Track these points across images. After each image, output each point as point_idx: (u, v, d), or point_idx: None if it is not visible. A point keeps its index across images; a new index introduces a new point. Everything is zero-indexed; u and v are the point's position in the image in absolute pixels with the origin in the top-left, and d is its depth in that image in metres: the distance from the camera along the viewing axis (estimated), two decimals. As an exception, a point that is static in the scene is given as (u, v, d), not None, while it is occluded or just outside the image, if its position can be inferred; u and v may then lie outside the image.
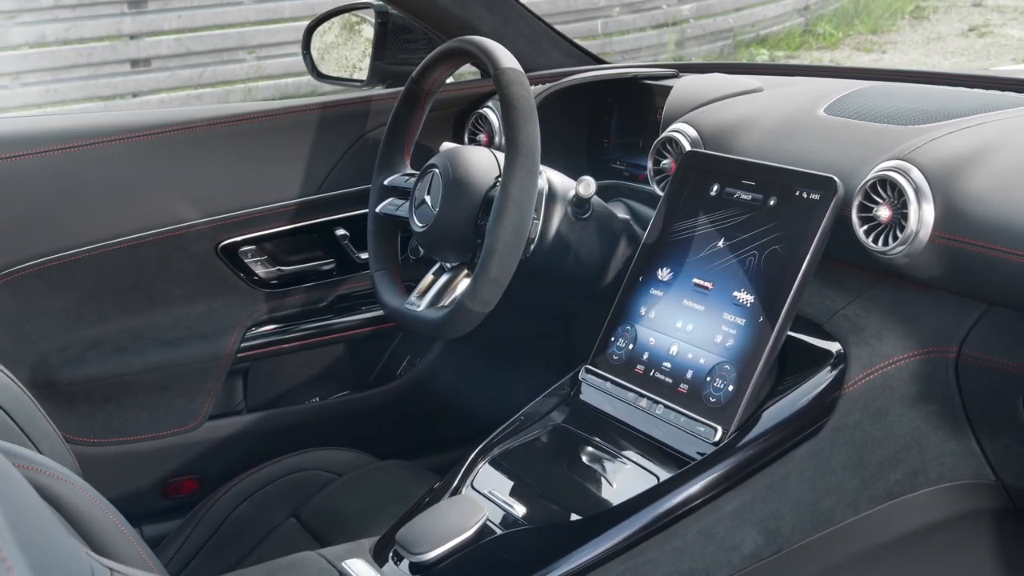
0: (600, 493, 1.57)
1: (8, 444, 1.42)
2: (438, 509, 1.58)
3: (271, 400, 2.40)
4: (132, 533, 1.54)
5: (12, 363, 2.08)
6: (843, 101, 1.78)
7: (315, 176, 2.29)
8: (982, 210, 1.42)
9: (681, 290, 1.65)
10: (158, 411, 2.23)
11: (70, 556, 0.99)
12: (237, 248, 2.24)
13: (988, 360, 1.49)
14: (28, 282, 2.11)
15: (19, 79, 7.15)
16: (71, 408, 2.17)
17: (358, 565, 1.51)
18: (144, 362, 2.20)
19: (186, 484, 2.28)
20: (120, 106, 7.24)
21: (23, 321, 2.12)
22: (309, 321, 2.36)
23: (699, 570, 1.51)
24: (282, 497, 2.09)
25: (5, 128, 2.16)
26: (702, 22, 9.81)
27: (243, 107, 2.30)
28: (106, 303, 2.18)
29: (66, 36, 7.26)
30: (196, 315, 2.24)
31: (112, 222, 2.15)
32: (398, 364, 2.51)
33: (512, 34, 2.31)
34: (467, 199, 1.84)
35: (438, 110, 2.32)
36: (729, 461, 1.51)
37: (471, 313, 1.74)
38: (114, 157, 2.15)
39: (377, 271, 2.01)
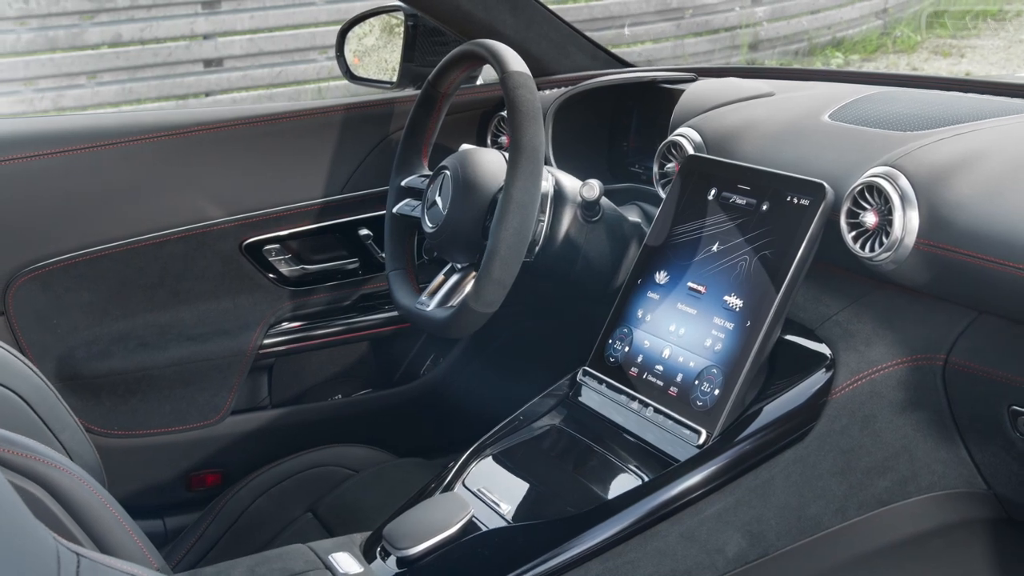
0: (585, 493, 1.58)
1: (7, 432, 1.47)
2: (426, 506, 1.60)
3: (295, 396, 2.44)
4: (130, 523, 1.57)
5: (40, 356, 2.15)
6: (849, 107, 1.77)
7: (338, 176, 2.33)
8: (965, 217, 1.41)
9: (676, 294, 1.66)
10: (182, 405, 2.27)
11: (33, 540, 1.01)
12: (261, 246, 2.29)
13: (975, 368, 1.48)
14: (56, 277, 2.16)
15: (95, 78, 7.28)
16: (97, 401, 2.22)
17: (343, 558, 1.54)
18: (168, 357, 2.24)
19: (209, 477, 2.32)
20: (191, 104, 7.35)
21: (51, 315, 2.17)
22: (332, 319, 2.40)
23: (681, 572, 1.52)
24: (300, 492, 2.12)
25: (36, 127, 2.22)
26: (776, 25, 9.74)
27: (268, 108, 2.34)
28: (132, 299, 2.23)
29: (141, 36, 7.38)
30: (221, 311, 2.29)
31: (139, 219, 2.20)
32: (422, 363, 2.53)
33: (536, 37, 2.33)
34: (475, 200, 1.86)
35: (462, 112, 2.35)
36: (711, 464, 1.52)
37: (475, 313, 1.76)
38: (142, 156, 2.20)
39: (392, 270, 2.04)
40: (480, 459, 1.71)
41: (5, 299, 2.12)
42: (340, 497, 2.07)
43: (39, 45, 7.12)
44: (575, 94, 2.23)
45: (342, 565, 1.52)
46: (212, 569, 1.53)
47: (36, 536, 1.02)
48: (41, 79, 7.13)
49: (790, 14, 9.88)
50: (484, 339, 2.43)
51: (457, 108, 2.31)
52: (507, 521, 1.56)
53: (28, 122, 2.60)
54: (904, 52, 10.21)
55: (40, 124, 2.31)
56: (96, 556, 1.08)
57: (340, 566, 1.52)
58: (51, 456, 1.49)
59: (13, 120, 2.69)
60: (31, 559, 0.98)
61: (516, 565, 1.49)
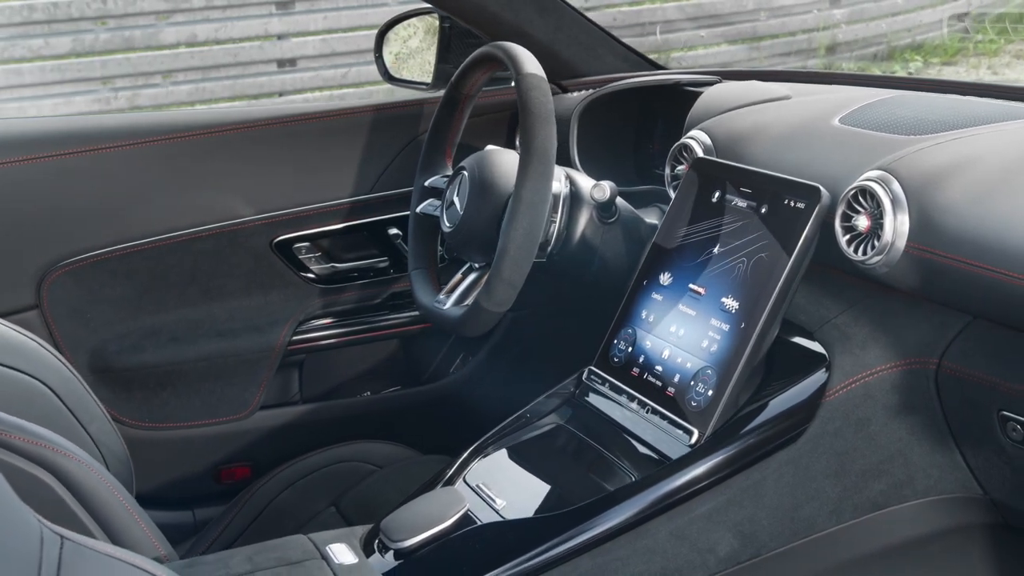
0: (578, 490, 1.60)
1: (18, 420, 1.51)
2: (423, 500, 1.63)
3: (324, 392, 2.48)
4: (138, 511, 1.62)
5: (73, 348, 2.20)
6: (861, 111, 1.77)
7: (368, 176, 2.36)
8: (954, 222, 1.41)
9: (678, 295, 1.67)
10: (211, 399, 2.32)
11: (15, 521, 1.03)
12: (292, 244, 2.33)
13: (966, 373, 1.48)
14: (89, 272, 2.22)
15: (170, 77, 7.39)
16: (128, 394, 2.27)
17: (340, 549, 1.57)
18: (199, 351, 2.29)
19: (238, 470, 2.37)
20: (263, 103, 7.43)
21: (84, 309, 2.23)
22: (362, 317, 2.43)
23: (672, 570, 1.53)
24: (324, 486, 2.16)
25: (70, 125, 2.28)
26: (855, 27, 9.65)
27: (299, 108, 2.38)
28: (165, 294, 2.28)
29: (216, 36, 7.47)
30: (251, 308, 2.33)
31: (171, 217, 2.25)
32: (451, 362, 2.56)
33: (566, 39, 2.34)
34: (491, 201, 1.88)
35: (491, 114, 2.37)
36: (702, 463, 1.53)
37: (487, 312, 1.78)
38: (175, 154, 2.25)
39: (414, 269, 2.07)
40: (482, 456, 1.73)
41: (39, 293, 2.18)
42: (362, 492, 2.10)
43: (116, 44, 7.25)
44: (600, 96, 2.24)
45: (338, 556, 1.55)
46: (212, 557, 1.57)
47: (18, 517, 1.04)
48: (118, 78, 7.26)
49: (868, 16, 9.78)
50: (512, 339, 2.46)
51: (486, 110, 2.34)
52: (501, 516, 1.58)
53: (65, 120, 2.67)
54: (985, 55, 10.07)
55: (75, 123, 2.37)
56: (80, 539, 1.09)
57: (336, 556, 1.55)
58: (60, 444, 1.53)
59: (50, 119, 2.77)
60: (12, 539, 1.00)
61: (507, 559, 1.51)
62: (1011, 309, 1.38)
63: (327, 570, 1.52)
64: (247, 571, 1.51)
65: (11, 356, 1.77)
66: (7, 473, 1.45)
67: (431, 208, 2.04)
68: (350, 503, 2.08)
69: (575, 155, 2.23)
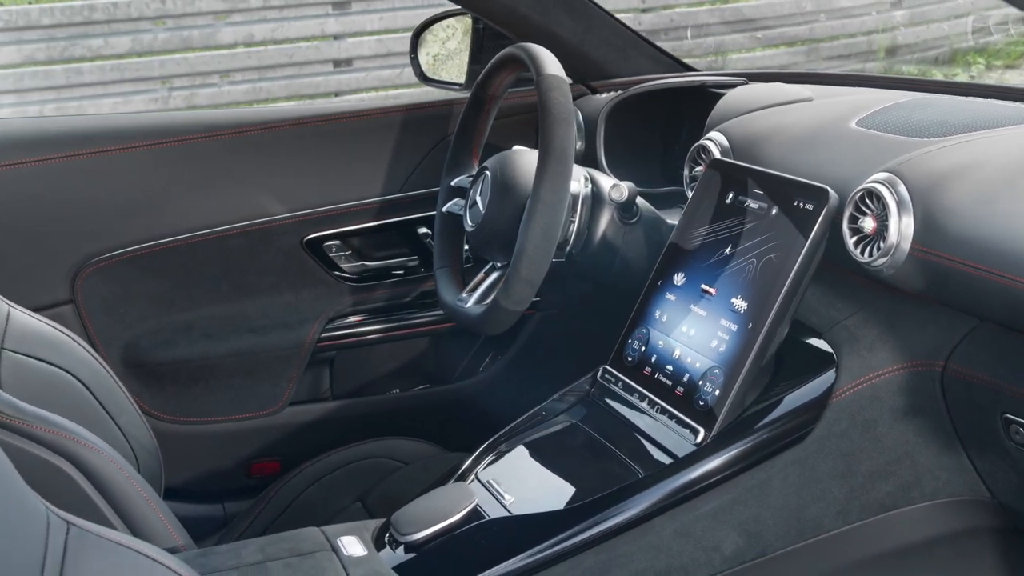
0: (585, 487, 1.61)
1: (42, 411, 1.55)
2: (434, 495, 1.66)
3: (354, 389, 2.51)
4: (156, 501, 1.65)
5: (106, 343, 2.25)
6: (879, 113, 1.77)
7: (398, 175, 2.39)
8: (957, 224, 1.41)
9: (690, 295, 1.69)
10: (242, 394, 2.36)
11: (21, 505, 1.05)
12: (322, 243, 2.36)
13: (971, 375, 1.48)
14: (122, 268, 2.26)
15: (227, 77, 7.47)
16: (160, 388, 2.31)
17: (350, 541, 1.59)
18: (230, 347, 2.33)
19: (268, 465, 2.40)
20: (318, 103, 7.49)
21: (117, 304, 2.27)
22: (392, 315, 2.46)
23: (676, 568, 1.54)
24: (350, 482, 2.19)
25: (104, 124, 2.33)
26: (916, 29, 9.56)
27: (330, 107, 2.42)
28: (197, 290, 2.32)
29: (273, 36, 7.54)
30: (283, 305, 2.37)
31: (203, 214, 2.29)
32: (481, 361, 2.58)
33: (596, 40, 2.35)
34: (512, 201, 1.90)
35: (521, 114, 2.39)
36: (707, 462, 1.55)
37: (505, 311, 1.79)
38: (207, 153, 2.29)
39: (439, 268, 2.09)
40: (494, 452, 1.76)
41: (74, 288, 2.23)
42: (388, 488, 2.13)
43: (175, 44, 7.33)
44: (628, 98, 2.26)
45: (348, 548, 1.58)
46: (225, 547, 1.60)
47: (24, 502, 1.06)
48: (175, 78, 7.34)
49: (929, 19, 9.69)
50: (540, 339, 2.47)
51: (515, 111, 2.36)
52: (509, 511, 1.60)
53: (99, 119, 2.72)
54: (1048, 59, 9.95)
55: (110, 121, 2.42)
56: (87, 525, 1.11)
57: (346, 549, 1.58)
58: (81, 434, 1.57)
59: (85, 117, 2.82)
60: (18, 523, 1.03)
61: (513, 553, 1.53)
62: (1013, 312, 1.38)
63: (336, 562, 1.54)
64: (258, 561, 1.54)
65: (43, 349, 1.81)
66: (28, 462, 1.50)
67: (457, 208, 2.06)
68: (376, 498, 2.11)
69: (602, 156, 2.25)
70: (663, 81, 2.28)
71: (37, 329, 1.84)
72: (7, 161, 2.17)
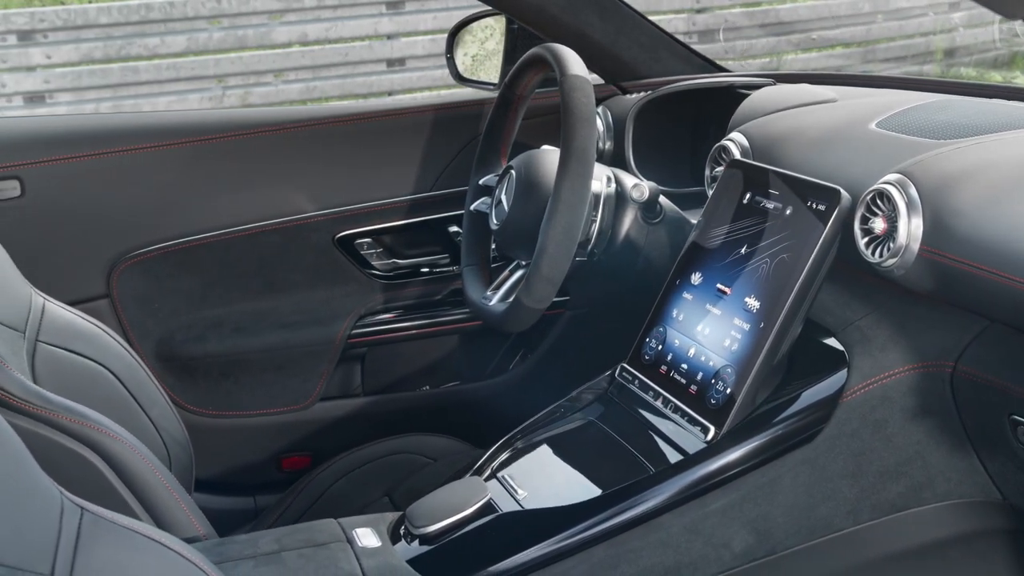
0: (596, 483, 1.63)
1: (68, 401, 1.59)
2: (449, 488, 1.68)
3: (385, 385, 2.54)
4: (180, 492, 1.69)
5: (140, 337, 2.29)
6: (900, 114, 1.77)
7: (429, 174, 2.42)
8: (964, 226, 1.41)
9: (706, 294, 1.70)
10: (274, 389, 2.39)
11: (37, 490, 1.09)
12: (354, 240, 2.39)
13: (980, 376, 1.48)
14: (157, 263, 2.30)
15: (281, 76, 7.54)
16: (193, 381, 2.36)
17: (365, 533, 1.62)
18: (262, 342, 2.37)
19: (299, 459, 2.44)
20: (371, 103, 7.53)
21: (152, 299, 2.32)
22: (423, 313, 2.49)
23: (686, 564, 1.56)
24: (378, 477, 2.22)
25: (140, 122, 2.37)
26: (974, 31, 9.47)
27: (361, 106, 2.45)
28: (230, 286, 2.36)
29: (327, 35, 7.61)
30: (315, 301, 2.40)
31: (236, 211, 2.33)
32: (511, 359, 2.60)
33: (627, 41, 2.37)
34: (535, 200, 1.91)
35: (551, 115, 2.40)
36: (716, 460, 1.56)
37: (527, 309, 1.81)
38: (240, 151, 2.32)
39: (466, 266, 2.11)
40: (510, 448, 1.78)
41: (110, 283, 2.27)
42: (415, 483, 2.15)
43: (229, 43, 7.42)
44: (656, 98, 2.27)
45: (362, 539, 1.61)
46: (244, 537, 1.63)
47: (40, 486, 1.09)
48: (230, 76, 7.43)
49: (988, 20, 9.59)
50: (569, 338, 2.49)
51: (546, 111, 2.37)
52: (521, 506, 1.62)
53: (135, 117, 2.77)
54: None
55: (145, 119, 2.47)
56: (101, 511, 1.14)
57: (360, 540, 1.60)
58: (106, 424, 1.61)
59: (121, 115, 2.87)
60: (33, 507, 1.06)
61: (524, 546, 1.56)
62: (1019, 314, 1.38)
63: (350, 552, 1.57)
64: (274, 551, 1.57)
65: (78, 342, 1.86)
66: (54, 450, 1.55)
67: (484, 206, 2.08)
68: (402, 493, 2.13)
69: (629, 156, 2.26)
70: (691, 82, 2.29)
71: (72, 322, 1.88)
72: (46, 158, 2.22)
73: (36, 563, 1.00)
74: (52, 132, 2.27)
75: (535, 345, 2.53)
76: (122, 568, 1.08)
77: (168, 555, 1.14)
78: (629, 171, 2.23)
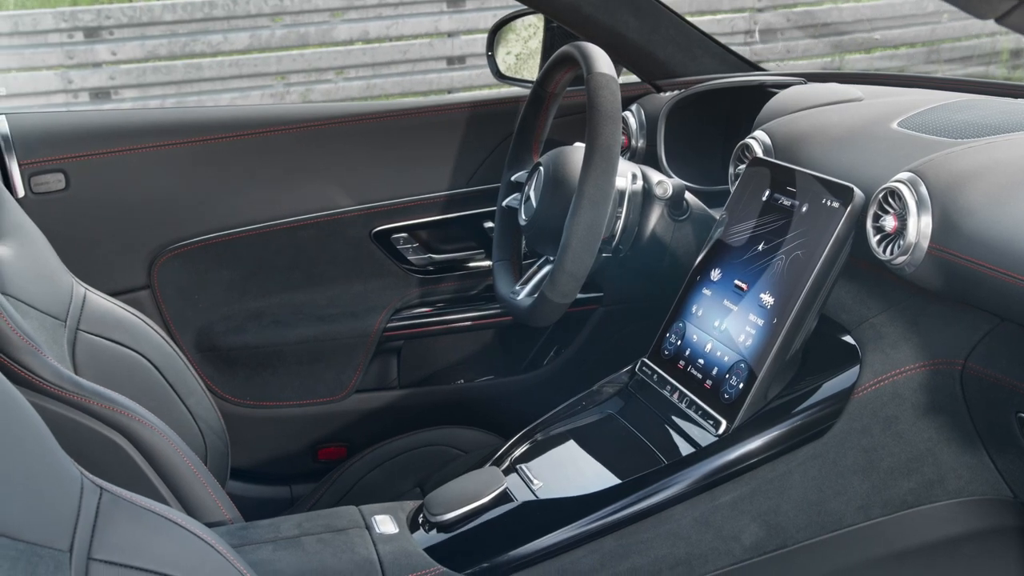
0: (610, 475, 1.66)
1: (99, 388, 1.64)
2: (467, 478, 1.72)
3: (421, 378, 2.57)
4: (207, 477, 1.73)
5: (181, 327, 2.34)
6: (922, 114, 1.78)
7: (465, 170, 2.45)
8: (972, 224, 1.42)
9: (724, 290, 1.72)
10: (310, 380, 2.44)
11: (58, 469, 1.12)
12: (390, 235, 2.43)
13: (988, 374, 1.49)
14: (197, 255, 2.35)
15: (342, 73, 7.61)
16: (231, 372, 2.40)
17: (384, 520, 1.66)
18: (299, 334, 2.41)
19: (335, 450, 2.48)
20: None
21: (192, 290, 2.37)
22: (458, 307, 2.52)
23: (696, 556, 1.58)
24: (410, 468, 2.26)
25: (181, 117, 2.41)
26: (1042, 29, 9.32)
27: (398, 104, 2.48)
28: (269, 279, 2.40)
29: (387, 33, 7.67)
30: (351, 295, 2.44)
31: (275, 205, 2.38)
32: (545, 354, 2.62)
33: (661, 40, 2.38)
34: (562, 196, 1.94)
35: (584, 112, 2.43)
36: (726, 453, 1.58)
37: (552, 304, 1.84)
38: (279, 146, 2.37)
39: (497, 261, 2.14)
40: (530, 440, 1.81)
41: (151, 274, 2.32)
42: (446, 475, 2.17)
43: (291, 41, 7.50)
44: (688, 96, 2.29)
45: (380, 526, 1.64)
46: (267, 522, 1.66)
47: (61, 466, 1.13)
48: (292, 73, 7.51)
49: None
50: (603, 334, 2.51)
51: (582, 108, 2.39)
52: (535, 496, 1.65)
53: (177, 112, 2.81)
54: None
55: (186, 114, 2.51)
56: (120, 492, 1.17)
57: (379, 527, 1.64)
58: (136, 410, 1.66)
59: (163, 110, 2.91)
60: (53, 486, 1.09)
61: (536, 535, 1.59)
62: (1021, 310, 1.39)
63: (367, 538, 1.60)
64: (295, 535, 1.61)
65: (117, 332, 1.91)
66: (85, 435, 1.59)
67: (515, 202, 2.11)
68: (434, 484, 2.15)
69: (661, 153, 2.28)
70: (722, 80, 2.31)
71: (112, 312, 1.93)
72: (90, 151, 2.27)
73: (55, 540, 1.03)
74: (96, 127, 2.32)
75: (569, 341, 2.55)
76: (139, 546, 1.10)
77: (184, 535, 1.16)
78: (661, 169, 2.25)
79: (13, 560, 0.97)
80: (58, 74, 7.25)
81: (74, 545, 1.05)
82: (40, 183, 2.24)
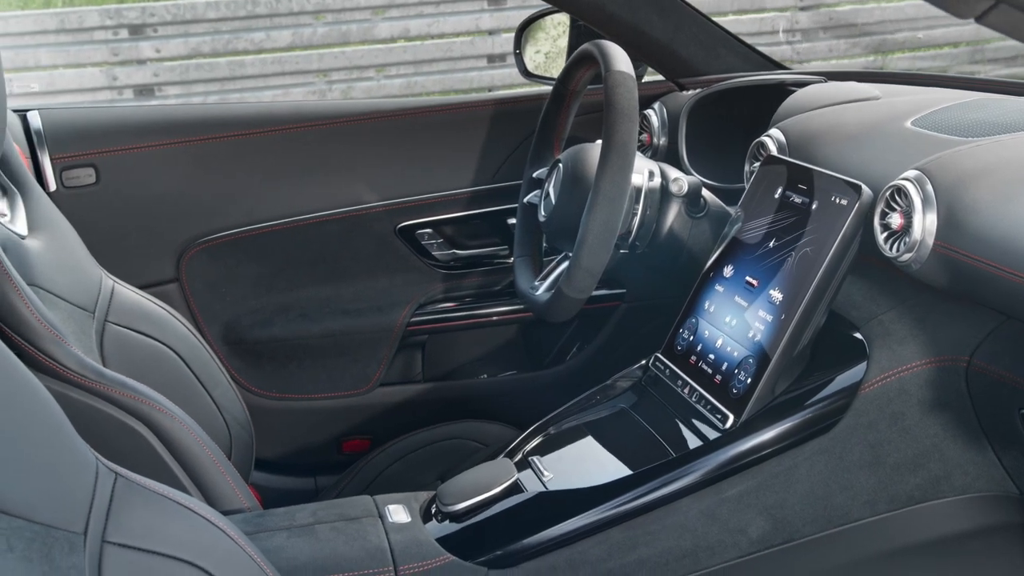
0: (618, 467, 1.68)
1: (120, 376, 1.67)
2: (479, 469, 1.74)
3: (445, 373, 2.60)
4: (226, 467, 1.76)
5: (208, 320, 2.38)
6: (936, 113, 1.78)
7: (489, 167, 2.48)
8: (976, 222, 1.43)
9: (736, 287, 1.74)
10: (335, 374, 2.47)
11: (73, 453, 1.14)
12: (415, 230, 2.46)
13: (993, 371, 1.50)
14: (225, 250, 2.39)
15: (383, 71, 7.65)
16: (258, 365, 2.44)
17: (397, 509, 1.68)
18: (325, 328, 2.44)
19: (359, 442, 2.51)
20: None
21: (220, 284, 2.41)
22: (482, 303, 2.55)
23: (703, 548, 1.60)
24: (432, 461, 2.28)
25: (209, 112, 2.45)
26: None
27: (423, 101, 2.50)
28: (295, 273, 2.44)
29: (428, 31, 7.70)
30: (376, 289, 2.47)
31: (301, 201, 2.41)
32: (569, 350, 2.64)
33: (685, 39, 2.40)
34: (580, 193, 1.96)
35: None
36: (733, 447, 1.60)
37: (568, 299, 1.86)
38: (305, 142, 2.40)
39: (518, 256, 2.16)
40: (543, 433, 1.84)
41: (179, 267, 2.37)
42: (466, 468, 2.21)
43: (333, 38, 7.56)
44: (709, 95, 2.30)
45: (393, 515, 1.67)
46: (282, 510, 1.69)
47: (76, 450, 1.15)
48: (333, 71, 7.57)
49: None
50: (626, 330, 2.53)
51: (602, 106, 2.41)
52: (545, 487, 1.68)
53: (205, 108, 2.85)
54: None
55: (215, 110, 2.54)
56: (134, 477, 1.19)
57: (391, 516, 1.67)
58: (157, 400, 1.69)
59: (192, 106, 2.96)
60: (68, 470, 1.11)
61: (545, 525, 1.61)
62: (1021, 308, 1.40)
63: (380, 527, 1.63)
64: (309, 523, 1.64)
65: (145, 324, 1.94)
66: (106, 423, 1.63)
67: (536, 198, 2.13)
68: None
69: (683, 151, 2.29)
70: (742, 79, 2.32)
71: (140, 304, 1.97)
72: (121, 146, 2.31)
73: (70, 523, 1.05)
74: (126, 122, 2.36)
75: (592, 337, 2.58)
76: (152, 531, 1.13)
77: (198, 521, 1.19)
78: (682, 166, 2.26)
79: (28, 541, 1.00)
80: (103, 71, 7.34)
81: (88, 528, 1.07)
82: (71, 177, 2.28)
